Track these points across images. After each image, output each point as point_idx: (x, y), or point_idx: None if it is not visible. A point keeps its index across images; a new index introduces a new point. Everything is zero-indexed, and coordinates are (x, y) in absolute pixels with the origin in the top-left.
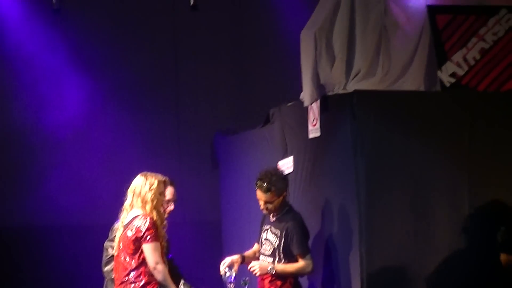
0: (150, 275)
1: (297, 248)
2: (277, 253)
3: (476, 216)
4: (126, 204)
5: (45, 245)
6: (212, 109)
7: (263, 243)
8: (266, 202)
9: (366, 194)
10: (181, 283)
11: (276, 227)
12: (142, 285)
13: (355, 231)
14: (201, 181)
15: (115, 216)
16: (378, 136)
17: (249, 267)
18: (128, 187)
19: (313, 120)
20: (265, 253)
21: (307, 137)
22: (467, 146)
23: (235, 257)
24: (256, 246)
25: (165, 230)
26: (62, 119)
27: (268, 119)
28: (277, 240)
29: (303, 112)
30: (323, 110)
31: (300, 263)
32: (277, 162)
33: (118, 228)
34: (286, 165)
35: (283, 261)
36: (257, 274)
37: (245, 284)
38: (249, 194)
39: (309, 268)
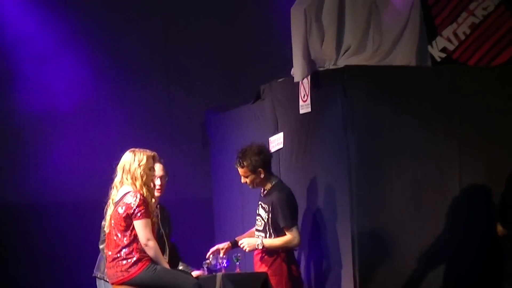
0: (142, 251)
1: (282, 221)
2: (267, 228)
3: (467, 190)
4: (116, 181)
5: (45, 221)
6: (203, 86)
7: (256, 219)
8: (243, 177)
9: (357, 170)
10: (179, 264)
11: (265, 202)
12: (134, 262)
13: (346, 207)
14: (192, 158)
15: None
16: (369, 111)
17: (239, 243)
18: (117, 164)
19: (304, 96)
20: (258, 229)
21: (298, 113)
22: (457, 120)
23: (222, 245)
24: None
25: (155, 205)
26: (55, 101)
27: (259, 96)
28: (266, 215)
29: (294, 88)
30: (314, 85)
31: (286, 236)
32: (268, 139)
33: (109, 206)
34: (276, 141)
35: (273, 236)
36: (247, 250)
37: (237, 260)
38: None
39: (295, 241)
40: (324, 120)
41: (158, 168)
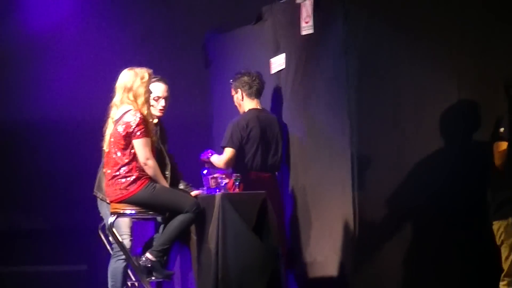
0: (141, 170)
1: (222, 140)
2: None
3: (464, 120)
4: (116, 100)
5: (48, 140)
6: (204, 7)
7: None
8: None
9: (356, 94)
10: (180, 182)
11: None
12: (133, 180)
13: (346, 130)
14: (192, 80)
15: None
16: (370, 35)
17: None
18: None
19: (306, 17)
20: None
21: (299, 35)
22: (457, 45)
23: None
24: None
25: (154, 123)
26: (59, 22)
27: (260, 17)
28: None
29: (296, 10)
30: (316, 7)
31: (220, 156)
32: (269, 60)
33: (109, 124)
34: (278, 62)
35: None
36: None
37: (237, 181)
38: None
39: (222, 161)
40: (325, 43)
41: (163, 89)
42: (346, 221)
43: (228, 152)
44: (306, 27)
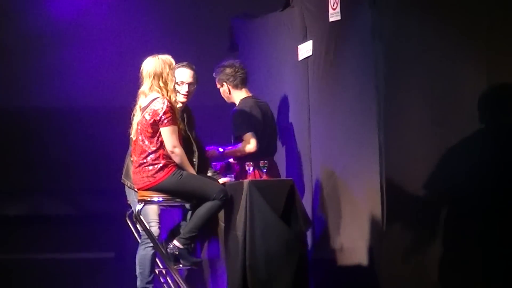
0: (168, 157)
1: (235, 131)
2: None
3: (493, 107)
4: (145, 88)
5: (77, 126)
6: None
7: None
8: None
9: (384, 80)
10: (209, 170)
11: None
12: (160, 167)
13: (374, 115)
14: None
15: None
16: (397, 21)
17: None
18: (140, 71)
19: (334, 4)
20: None
21: (327, 21)
22: (486, 32)
23: None
24: None
25: (180, 109)
26: (86, 9)
27: (288, 3)
28: None
29: None
30: None
31: (242, 143)
32: (297, 46)
33: (136, 112)
34: (305, 49)
35: None
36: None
37: (264, 167)
38: (266, 79)
39: (249, 147)
40: (353, 29)
41: (188, 75)
42: (374, 208)
43: (250, 136)
44: (334, 14)
